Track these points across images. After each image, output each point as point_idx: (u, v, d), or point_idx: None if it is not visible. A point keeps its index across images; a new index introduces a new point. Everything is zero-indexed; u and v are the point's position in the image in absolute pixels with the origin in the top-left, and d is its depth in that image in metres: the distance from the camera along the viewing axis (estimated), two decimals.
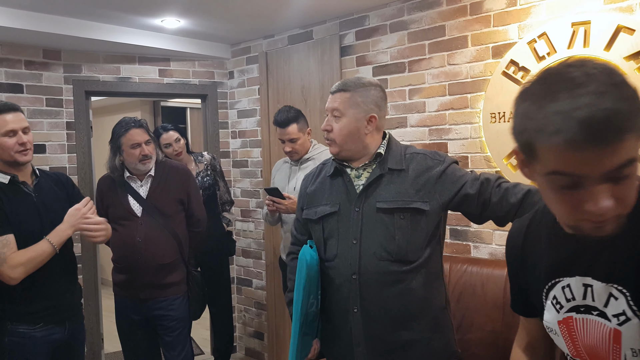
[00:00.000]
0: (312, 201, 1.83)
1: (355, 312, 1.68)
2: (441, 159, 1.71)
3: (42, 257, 2.09)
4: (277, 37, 3.78)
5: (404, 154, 1.73)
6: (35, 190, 2.20)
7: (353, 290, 1.68)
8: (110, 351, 4.17)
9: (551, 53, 2.44)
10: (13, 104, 2.17)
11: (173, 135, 3.50)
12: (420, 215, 1.65)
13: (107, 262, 4.90)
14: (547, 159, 0.80)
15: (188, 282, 2.80)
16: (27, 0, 2.88)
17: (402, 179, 1.68)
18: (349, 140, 1.71)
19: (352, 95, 1.70)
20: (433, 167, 1.69)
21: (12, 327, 2.14)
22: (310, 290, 1.72)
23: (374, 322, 1.67)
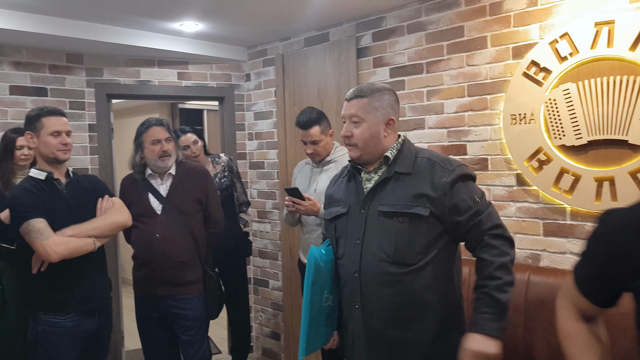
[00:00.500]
0: (329, 202, 1.96)
1: (356, 308, 1.77)
2: (450, 169, 1.72)
3: (82, 250, 2.29)
4: (294, 39, 3.79)
5: (415, 157, 1.77)
6: (67, 188, 2.38)
7: (355, 287, 1.77)
8: (131, 348, 4.22)
9: (573, 53, 2.41)
10: (60, 109, 2.45)
11: (191, 137, 3.53)
12: (419, 221, 1.69)
13: (128, 261, 4.96)
14: None
15: (204, 281, 2.83)
16: (50, 6, 2.94)
17: (407, 183, 1.73)
18: (370, 144, 1.77)
19: (369, 100, 1.77)
20: (441, 176, 1.71)
21: (44, 316, 2.30)
22: (323, 285, 1.82)
23: (373, 318, 1.75)
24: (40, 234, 2.19)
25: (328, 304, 1.85)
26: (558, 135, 2.47)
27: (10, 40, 3.28)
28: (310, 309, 1.79)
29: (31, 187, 2.29)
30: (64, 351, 2.32)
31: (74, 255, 2.25)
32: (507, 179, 2.70)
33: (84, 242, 2.29)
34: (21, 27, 3.01)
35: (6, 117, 3.38)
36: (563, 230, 2.52)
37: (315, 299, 1.80)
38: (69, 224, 2.30)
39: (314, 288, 1.79)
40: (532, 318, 2.37)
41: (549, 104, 2.49)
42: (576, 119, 2.41)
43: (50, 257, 2.19)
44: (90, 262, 2.36)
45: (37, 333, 2.31)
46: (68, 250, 2.22)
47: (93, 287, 2.40)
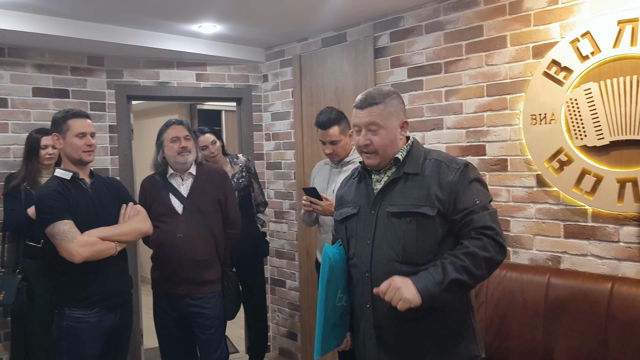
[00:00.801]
0: (340, 203, 1.98)
1: (367, 307, 1.78)
2: (456, 167, 1.73)
3: (105, 254, 2.37)
4: (311, 40, 3.80)
5: (423, 158, 1.79)
6: (91, 187, 2.47)
7: (366, 286, 1.78)
8: (150, 347, 4.26)
9: (595, 52, 2.37)
10: (85, 112, 2.51)
11: (209, 138, 3.56)
12: (427, 220, 1.69)
13: (147, 260, 5.02)
14: None
15: (223, 281, 2.86)
16: (72, 10, 2.98)
17: (415, 184, 1.74)
18: (388, 150, 1.78)
19: (384, 106, 1.76)
20: (447, 175, 1.72)
21: (69, 312, 2.37)
22: (337, 285, 1.82)
23: (382, 317, 1.75)
24: (65, 237, 2.26)
25: (342, 304, 1.86)
26: (579, 135, 2.43)
27: (33, 43, 3.34)
28: (325, 309, 1.79)
29: (57, 186, 2.36)
30: (87, 346, 2.38)
31: (96, 258, 2.32)
32: (527, 180, 2.67)
33: (108, 246, 2.37)
34: (44, 30, 3.07)
35: (29, 118, 3.44)
36: (584, 232, 2.48)
37: (330, 298, 1.81)
38: (95, 222, 2.38)
39: (328, 287, 1.79)
40: (552, 321, 2.33)
41: (570, 104, 2.45)
42: (598, 119, 2.37)
43: (74, 259, 2.26)
44: (114, 258, 2.43)
45: (62, 328, 2.38)
46: (91, 253, 2.30)
47: (116, 283, 2.47)
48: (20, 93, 3.42)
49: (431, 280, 1.60)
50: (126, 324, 2.58)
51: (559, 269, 2.54)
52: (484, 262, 1.62)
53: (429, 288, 1.59)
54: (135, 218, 2.53)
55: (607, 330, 2.18)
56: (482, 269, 1.63)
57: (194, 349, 2.91)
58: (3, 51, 3.34)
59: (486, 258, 1.63)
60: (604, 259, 2.43)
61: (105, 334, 2.44)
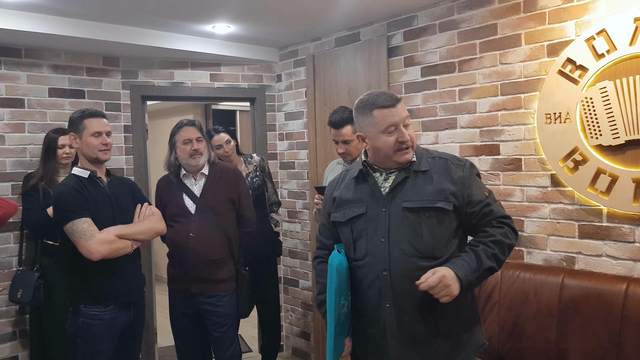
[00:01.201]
0: (338, 204, 1.93)
1: (387, 307, 1.76)
2: (462, 164, 1.82)
3: (122, 252, 2.41)
4: (324, 39, 3.80)
5: (426, 157, 1.85)
6: (108, 186, 2.52)
7: (384, 286, 1.76)
8: (163, 345, 4.30)
9: (611, 50, 2.34)
10: (100, 111, 2.55)
11: (224, 137, 3.59)
12: (443, 214, 1.75)
13: (161, 259, 5.06)
14: None
15: (237, 280, 2.88)
16: (88, 11, 3.02)
17: (425, 180, 1.79)
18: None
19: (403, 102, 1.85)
20: (456, 171, 1.80)
21: (85, 309, 2.41)
22: (341, 292, 1.80)
23: (406, 315, 1.75)
24: (83, 235, 2.30)
25: (344, 311, 1.83)
26: (594, 134, 2.40)
27: (50, 44, 3.39)
28: (335, 319, 1.77)
29: (75, 184, 2.40)
30: (101, 343, 2.42)
31: (113, 255, 2.36)
32: (542, 180, 2.64)
33: (124, 244, 2.41)
34: (60, 32, 3.11)
35: (45, 118, 3.49)
36: (599, 233, 2.45)
37: (337, 307, 1.79)
38: (111, 220, 2.43)
39: (337, 299, 1.77)
40: (565, 322, 2.31)
41: (585, 103, 2.42)
42: (613, 118, 2.34)
43: (93, 256, 2.31)
44: (129, 256, 2.47)
45: (77, 325, 2.41)
46: (109, 251, 2.34)
47: (130, 280, 2.51)
48: (37, 93, 3.46)
49: (469, 269, 1.68)
50: (139, 320, 2.62)
51: (573, 269, 2.51)
52: (507, 249, 1.76)
53: (468, 277, 1.67)
54: (151, 218, 2.57)
55: (621, 332, 2.15)
56: (505, 254, 1.76)
57: (208, 346, 2.94)
58: (20, 52, 3.39)
59: (509, 245, 1.76)
60: (619, 259, 2.40)
61: (119, 330, 2.48)
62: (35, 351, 3.23)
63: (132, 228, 2.47)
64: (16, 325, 3.37)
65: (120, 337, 2.50)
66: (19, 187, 3.33)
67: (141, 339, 2.70)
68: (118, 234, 2.39)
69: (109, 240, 2.34)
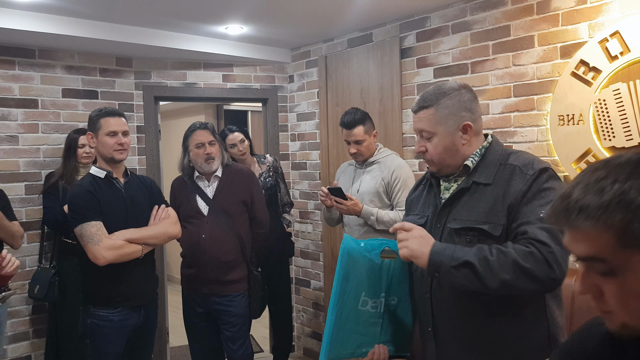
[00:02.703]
0: (408, 209, 1.78)
1: (429, 331, 1.61)
2: (530, 174, 1.45)
3: (131, 257, 2.39)
4: (337, 40, 3.81)
5: (500, 163, 1.51)
6: (125, 187, 2.49)
7: (426, 309, 1.60)
8: (175, 345, 4.33)
9: (624, 52, 2.33)
10: (118, 110, 2.52)
11: (238, 136, 3.62)
12: (489, 240, 1.45)
13: (173, 259, 5.08)
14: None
15: (249, 281, 2.89)
16: (101, 12, 3.05)
17: (483, 195, 1.50)
18: (446, 156, 1.56)
19: (436, 110, 1.53)
20: (518, 182, 1.45)
21: (94, 310, 2.41)
22: (359, 285, 1.62)
23: (446, 347, 1.57)
24: (91, 239, 2.29)
25: (367, 309, 1.65)
26: (608, 136, 2.39)
27: (63, 45, 3.42)
28: (338, 308, 1.60)
29: (89, 185, 2.39)
30: (110, 344, 2.42)
31: (120, 260, 2.34)
32: None
33: (134, 249, 2.39)
34: (73, 33, 3.14)
35: (59, 119, 3.53)
36: None
37: (349, 298, 1.62)
38: (124, 222, 2.41)
39: (345, 285, 1.60)
40: (578, 324, 2.29)
41: (599, 105, 2.41)
42: (627, 120, 2.33)
43: (98, 261, 2.30)
44: (140, 260, 2.46)
45: (87, 326, 2.42)
46: (115, 257, 2.32)
47: (141, 284, 2.49)
48: (50, 94, 3.50)
49: (449, 252, 1.41)
50: (151, 323, 2.61)
51: None
52: (513, 267, 1.34)
53: (440, 255, 1.41)
54: (165, 221, 2.54)
55: None
56: (508, 273, 1.35)
57: (221, 346, 2.96)
58: (34, 53, 3.43)
59: (520, 266, 1.34)
60: None
61: (128, 332, 2.47)
62: (50, 350, 3.27)
63: (144, 232, 2.44)
64: (30, 325, 3.41)
65: (131, 339, 2.50)
66: (32, 187, 3.38)
67: (153, 341, 2.69)
68: (128, 238, 2.36)
69: (117, 245, 2.32)
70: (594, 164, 0.79)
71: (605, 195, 0.72)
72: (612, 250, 0.73)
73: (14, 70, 3.35)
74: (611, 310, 0.77)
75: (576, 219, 0.74)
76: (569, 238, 0.78)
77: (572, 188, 0.77)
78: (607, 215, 0.71)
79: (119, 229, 2.38)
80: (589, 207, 0.73)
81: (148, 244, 2.45)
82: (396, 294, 1.69)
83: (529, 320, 1.48)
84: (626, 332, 0.78)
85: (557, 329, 1.49)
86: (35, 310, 3.42)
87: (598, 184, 0.74)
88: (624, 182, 0.72)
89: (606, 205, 0.71)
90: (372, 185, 2.82)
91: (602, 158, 2.36)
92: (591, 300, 0.80)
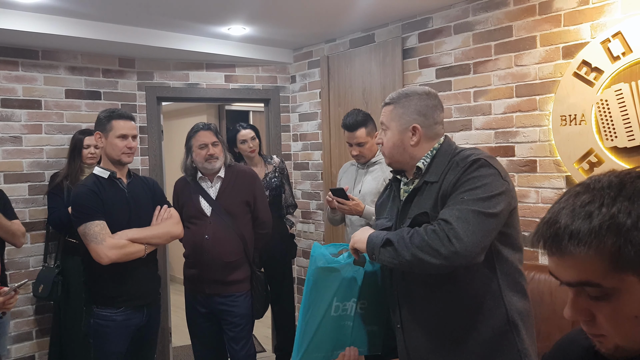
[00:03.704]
0: (379, 212, 1.86)
1: (398, 328, 1.69)
2: (462, 165, 1.52)
3: (133, 256, 2.40)
4: (339, 40, 3.82)
5: (449, 161, 1.59)
6: (128, 187, 2.52)
7: (395, 307, 1.69)
8: (178, 345, 4.34)
9: (626, 53, 2.34)
10: (129, 113, 2.53)
11: (250, 134, 3.65)
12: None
13: (176, 259, 5.09)
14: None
15: (252, 281, 2.90)
16: (104, 13, 3.06)
17: (430, 193, 1.58)
18: (395, 152, 1.68)
19: (394, 107, 1.68)
20: (452, 175, 1.53)
21: (97, 310, 2.42)
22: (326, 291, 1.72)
23: (413, 339, 1.64)
24: (95, 238, 2.31)
25: (339, 314, 1.71)
26: (610, 136, 2.41)
27: (67, 46, 3.43)
28: (308, 315, 1.69)
29: (93, 185, 2.41)
30: (113, 344, 2.44)
31: (124, 260, 2.36)
32: (557, 181, 2.64)
33: (137, 249, 2.40)
34: (76, 34, 3.15)
35: (62, 119, 3.54)
36: None
37: (320, 305, 1.70)
38: (127, 222, 2.43)
39: (314, 293, 1.70)
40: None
41: (601, 105, 2.42)
42: (629, 120, 2.34)
43: (102, 260, 2.31)
44: (143, 260, 2.47)
45: (90, 325, 2.44)
46: (118, 256, 2.34)
47: (144, 283, 2.51)
48: (54, 95, 3.51)
49: (379, 236, 1.57)
50: (154, 322, 2.62)
51: None
52: (420, 243, 1.46)
53: (373, 239, 1.58)
54: (168, 221, 2.56)
55: None
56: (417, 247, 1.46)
57: (224, 346, 2.96)
58: (37, 54, 3.44)
59: (425, 241, 1.45)
60: None
61: (131, 332, 2.48)
62: (54, 350, 3.28)
63: (147, 232, 2.46)
64: (33, 325, 3.42)
65: (134, 339, 2.51)
66: (36, 187, 3.40)
67: (156, 341, 2.71)
68: (131, 237, 2.38)
69: (120, 244, 2.34)
70: (573, 188, 0.79)
71: (594, 220, 0.72)
72: (605, 274, 0.73)
73: (17, 71, 3.36)
74: (604, 333, 0.78)
75: (567, 245, 0.74)
76: (556, 264, 0.78)
77: (556, 214, 0.76)
78: (599, 240, 0.72)
79: (122, 229, 2.39)
80: (579, 233, 0.73)
81: (151, 243, 2.47)
82: (366, 297, 1.77)
83: (485, 307, 1.55)
84: (619, 355, 0.79)
85: (516, 313, 1.56)
86: (38, 311, 3.43)
87: (584, 208, 0.74)
88: (610, 206, 0.72)
89: (597, 230, 0.72)
90: (374, 186, 2.83)
91: (601, 158, 2.39)
92: (582, 324, 0.80)
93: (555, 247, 0.75)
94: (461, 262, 1.44)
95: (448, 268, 1.46)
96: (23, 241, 2.75)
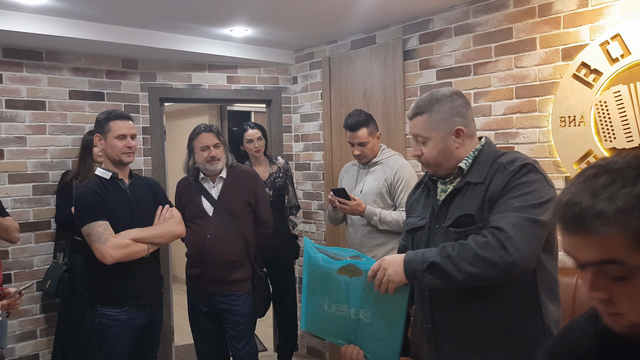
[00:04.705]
0: (408, 211, 1.85)
1: (428, 327, 1.67)
2: (511, 169, 1.51)
3: (137, 255, 2.44)
4: (340, 42, 3.84)
5: (492, 163, 1.58)
6: (130, 188, 2.53)
7: (426, 306, 1.66)
8: (180, 344, 4.37)
9: (625, 55, 2.36)
10: (127, 113, 2.56)
11: (257, 133, 3.70)
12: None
13: (178, 259, 5.12)
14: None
15: (253, 280, 2.93)
16: (108, 15, 3.08)
17: (473, 194, 1.56)
18: (441, 160, 1.63)
19: (429, 116, 1.62)
20: (500, 178, 1.52)
21: (101, 309, 2.45)
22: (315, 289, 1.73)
23: (445, 340, 1.63)
24: (98, 238, 2.34)
25: (333, 312, 1.71)
26: (609, 137, 2.43)
27: (70, 47, 3.46)
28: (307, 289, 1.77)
29: (95, 186, 2.44)
30: (117, 343, 2.47)
31: (127, 259, 2.39)
32: (556, 182, 2.66)
33: (140, 248, 2.44)
34: (80, 35, 3.18)
35: (66, 120, 3.57)
36: None
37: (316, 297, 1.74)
38: (129, 222, 2.46)
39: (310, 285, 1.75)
40: None
41: (600, 106, 2.44)
42: (627, 122, 2.36)
43: (106, 260, 2.35)
44: (146, 259, 2.50)
45: (94, 325, 2.47)
46: (122, 255, 2.37)
47: (147, 283, 2.54)
48: (57, 96, 3.53)
49: (418, 257, 1.50)
50: (156, 322, 2.65)
51: None
52: (474, 258, 1.43)
53: (412, 263, 1.50)
54: (170, 221, 2.59)
55: None
56: (471, 264, 1.43)
57: (226, 344, 3.00)
58: (41, 55, 3.46)
59: (479, 256, 1.42)
60: None
61: (135, 331, 2.51)
62: (58, 349, 3.31)
63: (149, 231, 2.49)
64: (38, 324, 3.45)
65: (137, 338, 2.54)
66: (40, 187, 3.43)
67: (159, 340, 2.73)
68: (134, 237, 2.41)
69: (123, 244, 2.37)
70: (588, 169, 0.81)
71: (618, 200, 0.75)
72: (629, 252, 0.75)
73: (21, 72, 3.39)
74: (621, 312, 0.80)
75: (592, 225, 0.76)
76: (576, 244, 0.79)
77: (575, 195, 0.78)
78: (625, 219, 0.74)
79: (124, 229, 2.42)
80: (604, 213, 0.75)
81: (153, 243, 2.50)
82: (369, 309, 1.65)
83: (522, 315, 1.53)
84: (634, 332, 0.81)
85: (552, 322, 1.55)
86: (43, 309, 3.46)
87: (606, 189, 0.76)
88: (632, 186, 0.75)
89: (622, 209, 0.74)
90: (375, 186, 2.86)
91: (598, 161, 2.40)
92: (597, 303, 0.82)
93: (578, 227, 0.77)
94: (518, 272, 1.42)
95: (503, 279, 1.44)
96: (18, 236, 2.73)
